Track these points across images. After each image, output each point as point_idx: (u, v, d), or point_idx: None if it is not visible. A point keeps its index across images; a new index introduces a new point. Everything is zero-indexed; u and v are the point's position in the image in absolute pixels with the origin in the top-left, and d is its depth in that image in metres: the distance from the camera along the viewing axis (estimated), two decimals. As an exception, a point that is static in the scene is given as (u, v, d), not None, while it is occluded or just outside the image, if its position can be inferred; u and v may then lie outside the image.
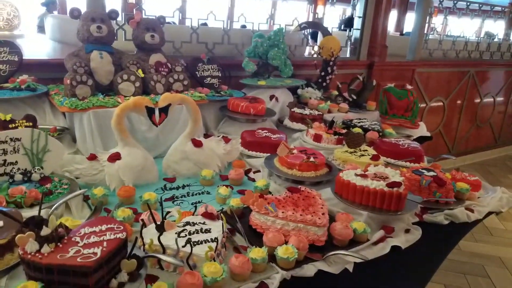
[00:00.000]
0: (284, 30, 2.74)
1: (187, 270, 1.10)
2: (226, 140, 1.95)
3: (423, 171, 1.68)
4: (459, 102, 4.81)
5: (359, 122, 2.38)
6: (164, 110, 1.73)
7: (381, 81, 3.25)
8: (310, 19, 4.03)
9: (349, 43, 3.49)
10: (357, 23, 3.45)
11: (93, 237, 1.05)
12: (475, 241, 3.38)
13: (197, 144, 1.81)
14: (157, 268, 1.18)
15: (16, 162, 1.59)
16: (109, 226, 1.10)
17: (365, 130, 2.24)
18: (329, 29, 3.01)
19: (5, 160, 1.57)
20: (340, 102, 2.75)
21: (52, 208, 1.31)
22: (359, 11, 3.43)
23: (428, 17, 3.91)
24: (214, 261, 1.13)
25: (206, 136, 2.12)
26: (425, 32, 3.97)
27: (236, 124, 2.30)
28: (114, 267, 1.03)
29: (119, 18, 2.17)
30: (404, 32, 7.10)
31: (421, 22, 3.83)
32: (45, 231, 1.01)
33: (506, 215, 3.84)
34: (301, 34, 3.16)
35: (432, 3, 4.06)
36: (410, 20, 4.47)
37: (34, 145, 1.62)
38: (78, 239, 1.04)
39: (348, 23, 3.54)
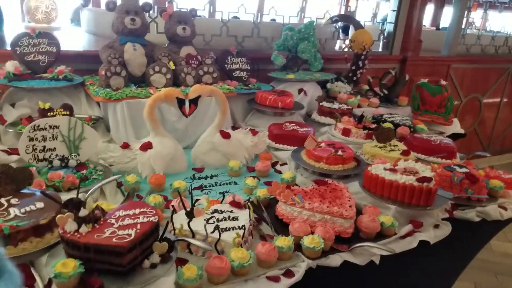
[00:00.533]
0: (315, 23, 2.71)
1: (215, 255, 1.12)
2: (254, 132, 1.96)
3: (455, 167, 1.63)
4: (496, 99, 4.59)
5: (389, 117, 2.33)
6: (194, 102, 1.77)
7: (414, 77, 3.16)
8: (342, 12, 3.96)
9: (381, 37, 3.41)
10: (391, 16, 3.36)
11: (127, 220, 1.09)
12: (508, 241, 3.28)
13: (225, 135, 1.83)
14: (187, 252, 1.22)
15: (55, 148, 1.67)
16: (142, 210, 1.15)
17: (396, 125, 2.19)
18: (362, 23, 2.96)
19: (44, 146, 1.65)
20: (371, 97, 2.70)
21: (89, 192, 1.37)
22: (393, 4, 3.34)
23: (466, 11, 3.75)
24: (241, 247, 1.15)
25: (234, 128, 2.15)
26: (463, 27, 3.82)
27: (263, 117, 2.31)
28: (146, 249, 1.08)
29: (151, 11, 2.23)
30: (440, 27, 6.85)
31: (459, 16, 3.69)
32: (83, 212, 1.07)
33: (543, 217, 3.67)
34: (332, 27, 3.12)
35: (471, -3, 3.90)
36: (448, 15, 4.31)
37: (71, 132, 1.69)
38: (113, 221, 1.09)
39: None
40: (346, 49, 3.23)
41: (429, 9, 6.78)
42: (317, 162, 1.72)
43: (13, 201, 1.23)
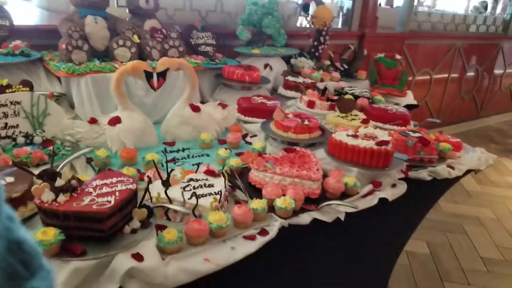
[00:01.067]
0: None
1: (194, 219, 1.18)
2: (223, 106, 2.00)
3: (409, 132, 1.78)
4: (444, 74, 4.93)
5: (350, 90, 2.45)
6: (162, 75, 1.77)
7: (372, 52, 3.30)
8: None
9: (341, 13, 3.53)
10: (349, -7, 3.48)
11: (105, 188, 1.11)
12: (455, 203, 3.65)
13: (195, 109, 1.86)
14: (165, 219, 1.26)
15: (17, 125, 1.61)
16: (119, 178, 1.17)
17: (356, 97, 2.32)
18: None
19: (6, 123, 1.59)
20: (332, 71, 2.81)
21: (60, 166, 1.36)
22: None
23: (418, -11, 3.96)
24: (218, 211, 1.21)
25: (202, 103, 2.16)
26: (415, 4, 4.03)
27: (231, 91, 2.35)
28: (126, 215, 1.11)
29: (112, -17, 2.15)
30: (394, 7, 7.12)
31: (411, -6, 3.89)
32: (59, 182, 1.07)
33: (483, 178, 4.13)
34: (293, 3, 3.17)
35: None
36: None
37: (34, 108, 1.64)
38: (91, 190, 1.11)
39: None
40: (307, 26, 3.31)
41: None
42: (285, 132, 1.80)
43: (-19, 177, 1.21)
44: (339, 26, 3.57)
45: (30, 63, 2.04)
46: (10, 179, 1.20)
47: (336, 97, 2.19)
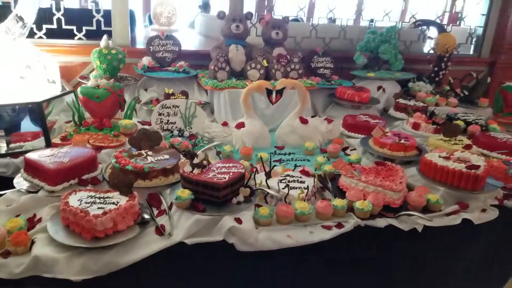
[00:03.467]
0: (398, 28, 2.90)
1: (284, 203, 1.50)
2: (329, 120, 2.28)
3: (514, 162, 1.73)
4: None
5: (463, 116, 2.42)
6: (280, 92, 2.17)
7: (504, 80, 3.09)
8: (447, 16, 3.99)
9: (470, 40, 3.39)
10: (480, 20, 3.33)
11: (224, 169, 1.54)
12: None
13: (304, 121, 2.20)
14: (263, 202, 1.61)
15: (175, 122, 2.23)
16: (233, 164, 1.59)
17: (468, 123, 2.29)
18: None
19: (168, 120, 2.22)
20: (451, 97, 2.78)
21: (199, 152, 1.87)
22: (482, 8, 3.31)
23: None
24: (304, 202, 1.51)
25: (312, 117, 2.49)
26: None
27: (341, 109, 2.60)
28: (235, 191, 1.51)
29: (252, 18, 2.69)
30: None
31: None
32: (196, 160, 1.55)
33: None
34: (417, 30, 3.24)
35: None
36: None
37: (187, 111, 2.24)
38: (214, 168, 1.55)
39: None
40: (431, 51, 3.32)
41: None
42: (381, 148, 1.97)
43: (149, 153, 1.78)
44: (471, 52, 3.42)
45: (188, 78, 2.72)
46: (166, 156, 1.75)
47: (441, 121, 2.23)
